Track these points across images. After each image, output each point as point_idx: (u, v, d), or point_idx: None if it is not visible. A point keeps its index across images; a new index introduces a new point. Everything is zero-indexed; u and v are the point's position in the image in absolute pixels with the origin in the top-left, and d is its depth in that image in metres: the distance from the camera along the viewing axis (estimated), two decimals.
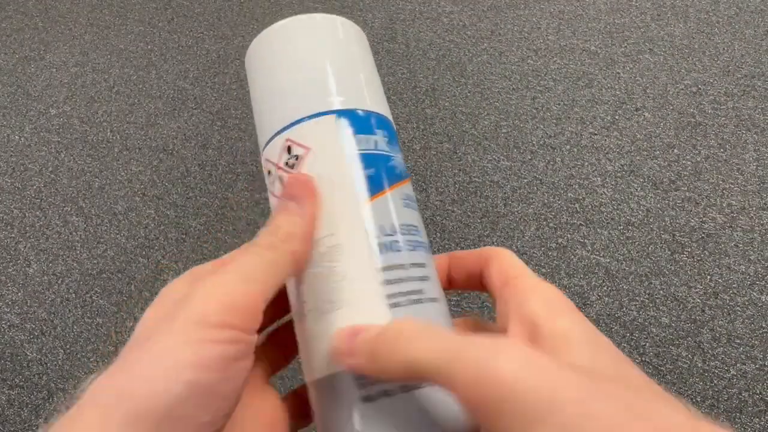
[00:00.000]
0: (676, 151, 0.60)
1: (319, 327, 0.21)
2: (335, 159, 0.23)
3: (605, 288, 0.54)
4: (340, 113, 0.24)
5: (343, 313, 0.21)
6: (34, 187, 0.67)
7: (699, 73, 0.64)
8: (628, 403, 0.14)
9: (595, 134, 0.61)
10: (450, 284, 0.25)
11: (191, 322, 0.18)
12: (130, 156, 0.67)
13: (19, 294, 0.61)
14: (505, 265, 0.23)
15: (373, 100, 0.26)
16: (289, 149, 0.23)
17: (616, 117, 0.62)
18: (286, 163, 0.23)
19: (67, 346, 0.57)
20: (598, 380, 0.15)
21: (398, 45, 0.70)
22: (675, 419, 0.14)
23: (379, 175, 0.24)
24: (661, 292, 0.53)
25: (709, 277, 0.53)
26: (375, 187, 0.23)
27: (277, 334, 0.25)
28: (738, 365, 0.50)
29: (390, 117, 0.26)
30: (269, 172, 0.24)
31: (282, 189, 0.23)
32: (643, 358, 0.51)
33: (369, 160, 0.24)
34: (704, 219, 0.56)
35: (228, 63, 0.72)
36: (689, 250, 0.55)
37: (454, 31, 0.70)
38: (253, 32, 0.74)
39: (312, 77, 0.25)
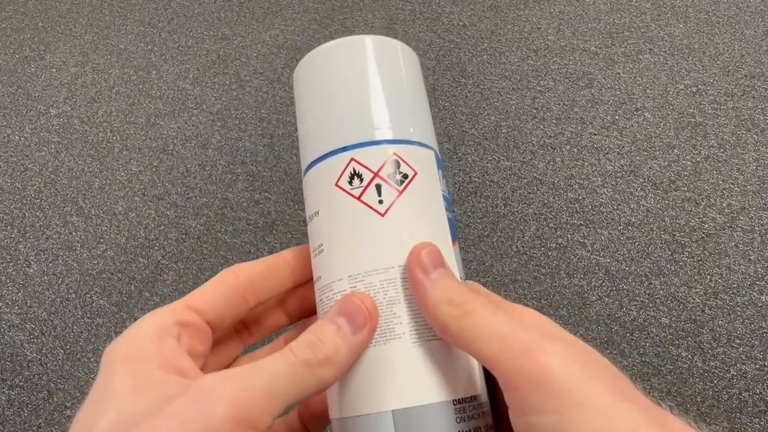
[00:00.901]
0: (676, 151, 0.60)
1: (415, 353, 0.21)
2: (435, 193, 0.24)
3: (605, 288, 0.54)
4: (435, 152, 0.25)
5: (443, 342, 0.21)
6: (34, 187, 0.67)
7: (699, 73, 0.64)
8: (650, 411, 0.17)
9: (595, 134, 0.61)
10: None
11: None
12: (130, 156, 0.67)
13: (19, 294, 0.61)
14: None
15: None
16: (396, 164, 0.23)
17: (616, 117, 0.62)
18: (390, 176, 0.23)
19: (67, 346, 0.57)
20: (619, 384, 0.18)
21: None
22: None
23: (453, 221, 0.24)
24: (661, 292, 0.53)
25: (709, 277, 0.53)
26: (453, 233, 0.24)
27: None
28: (738, 365, 0.50)
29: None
30: (357, 175, 0.23)
31: (342, 305, 0.21)
32: (643, 358, 0.51)
33: (447, 201, 0.24)
34: (704, 219, 0.56)
35: (228, 63, 0.72)
36: (689, 250, 0.55)
37: (454, 31, 0.70)
38: (253, 32, 0.74)
39: (418, 106, 0.25)
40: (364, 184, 0.23)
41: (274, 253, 0.26)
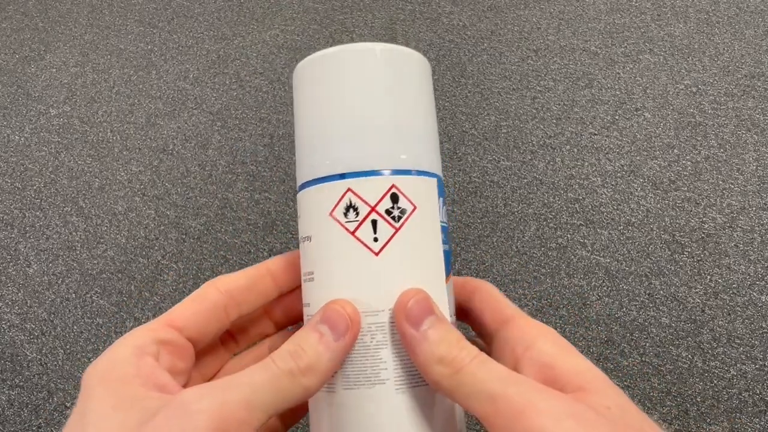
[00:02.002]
0: (676, 151, 0.60)
1: (398, 400, 0.21)
2: (433, 228, 0.23)
3: (605, 288, 0.54)
4: (438, 179, 0.24)
5: (428, 387, 0.21)
6: (34, 187, 0.67)
7: (699, 73, 0.64)
8: None
9: (595, 134, 0.61)
10: None
11: None
12: (130, 156, 0.67)
13: (19, 294, 0.61)
14: (495, 302, 0.24)
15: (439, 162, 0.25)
16: (394, 198, 0.22)
17: (616, 117, 0.62)
18: (388, 212, 0.22)
19: (67, 346, 0.57)
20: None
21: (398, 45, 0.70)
22: None
23: (449, 252, 0.24)
24: (661, 292, 0.53)
25: (709, 277, 0.53)
26: (447, 266, 0.23)
27: None
28: (738, 365, 0.50)
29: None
30: (352, 207, 0.22)
31: (324, 312, 0.21)
32: (643, 358, 0.51)
33: (444, 233, 0.23)
34: (704, 219, 0.56)
35: (228, 63, 0.72)
36: (689, 250, 0.55)
37: (454, 31, 0.70)
38: (253, 32, 0.74)
39: (425, 128, 0.24)
40: (360, 218, 0.22)
41: (274, 253, 0.26)
